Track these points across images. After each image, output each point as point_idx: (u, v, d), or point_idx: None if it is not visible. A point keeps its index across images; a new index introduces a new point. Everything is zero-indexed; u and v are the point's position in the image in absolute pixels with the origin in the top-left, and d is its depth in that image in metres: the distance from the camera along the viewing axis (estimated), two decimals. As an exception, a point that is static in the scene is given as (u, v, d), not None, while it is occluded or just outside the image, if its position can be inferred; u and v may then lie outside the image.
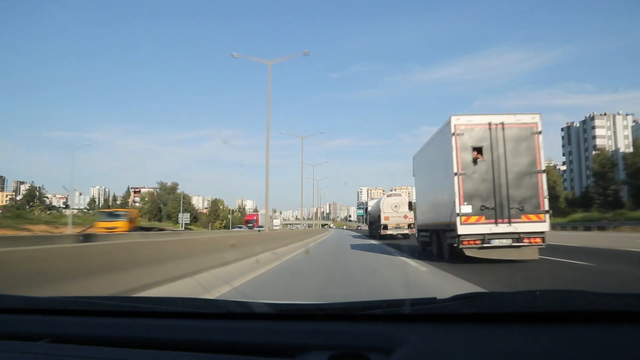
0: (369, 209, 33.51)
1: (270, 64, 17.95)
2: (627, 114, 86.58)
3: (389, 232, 24.93)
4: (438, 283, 6.57)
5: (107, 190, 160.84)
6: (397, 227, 25.17)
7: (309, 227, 75.17)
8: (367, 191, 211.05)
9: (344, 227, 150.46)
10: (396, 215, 25.44)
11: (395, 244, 18.16)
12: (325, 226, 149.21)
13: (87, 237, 16.53)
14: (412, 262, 9.58)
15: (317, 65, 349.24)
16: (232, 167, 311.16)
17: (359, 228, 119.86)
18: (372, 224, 30.77)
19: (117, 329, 1.25)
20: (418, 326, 1.09)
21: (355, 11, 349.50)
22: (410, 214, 25.82)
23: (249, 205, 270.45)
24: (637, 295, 1.07)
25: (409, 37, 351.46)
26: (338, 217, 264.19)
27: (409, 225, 25.34)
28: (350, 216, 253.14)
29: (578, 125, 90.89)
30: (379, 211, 25.66)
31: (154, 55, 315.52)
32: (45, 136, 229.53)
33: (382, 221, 25.00)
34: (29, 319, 1.33)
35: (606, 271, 7.76)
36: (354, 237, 33.09)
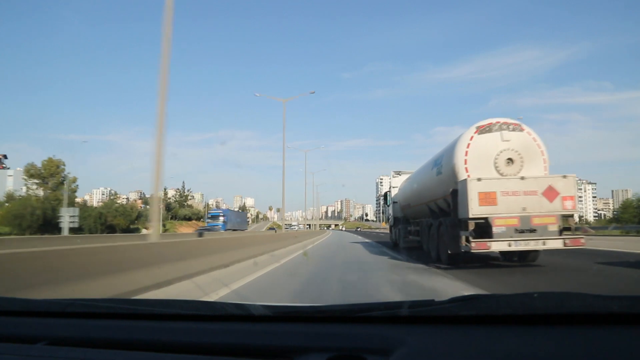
0: (395, 190, 18.57)
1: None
2: None
3: (498, 244, 7.67)
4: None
5: (111, 191, 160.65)
6: (529, 231, 7.73)
7: (283, 228, 69.01)
8: (391, 181, 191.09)
9: (342, 228, 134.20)
10: (521, 187, 7.99)
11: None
12: (329, 227, 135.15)
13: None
14: None
15: (329, 65, 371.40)
16: (245, 168, 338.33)
17: (359, 229, 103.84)
18: (403, 223, 16.85)
19: (114, 331, 1.31)
20: (416, 328, 1.15)
21: (368, 10, 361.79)
22: (570, 185, 8.23)
23: (248, 203, 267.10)
24: (635, 297, 1.12)
25: (422, 36, 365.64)
26: (352, 216, 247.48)
27: (563, 223, 7.97)
28: (366, 214, 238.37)
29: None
30: (454, 176, 9.44)
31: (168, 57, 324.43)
32: (60, 138, 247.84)
33: (472, 211, 8.32)
34: (26, 321, 1.41)
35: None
36: (372, 254, 15.25)
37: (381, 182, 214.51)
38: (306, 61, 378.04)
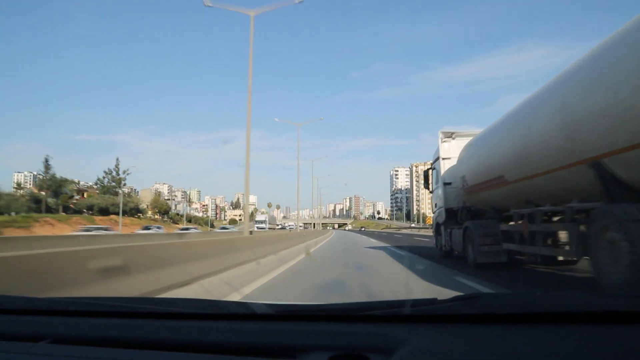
0: (450, 164, 11.61)
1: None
2: None
3: None
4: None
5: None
6: None
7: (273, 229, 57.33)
8: (412, 169, 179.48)
9: (347, 228, 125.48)
10: None
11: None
12: (334, 227, 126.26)
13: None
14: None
15: (338, 64, 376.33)
16: (254, 168, 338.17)
17: (363, 229, 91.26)
18: (473, 218, 10.45)
19: (117, 329, 1.33)
20: (418, 327, 1.16)
21: (376, 9, 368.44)
22: None
23: (250, 200, 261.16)
24: (637, 296, 1.16)
25: (430, 35, 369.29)
26: (362, 214, 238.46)
27: None
28: (378, 212, 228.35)
29: None
30: None
31: (176, 58, 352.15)
32: (72, 139, 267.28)
33: None
34: (29, 319, 1.42)
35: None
36: None
37: (396, 175, 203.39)
38: (313, 61, 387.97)
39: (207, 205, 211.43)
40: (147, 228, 35.88)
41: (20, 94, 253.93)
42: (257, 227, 69.11)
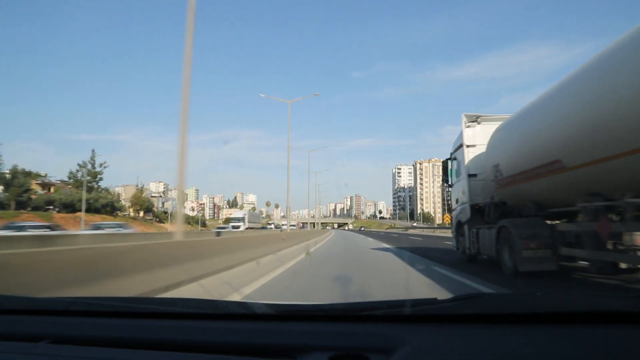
0: (477, 151, 9.82)
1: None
2: None
3: None
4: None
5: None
6: None
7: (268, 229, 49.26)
8: (416, 167, 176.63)
9: (347, 228, 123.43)
10: None
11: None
12: (334, 227, 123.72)
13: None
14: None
15: (339, 64, 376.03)
16: (252, 167, 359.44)
17: (363, 229, 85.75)
18: (508, 215, 8.72)
19: (118, 329, 1.33)
20: (419, 327, 1.16)
21: (377, 10, 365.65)
22: None
23: (250, 200, 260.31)
24: (636, 296, 1.21)
25: (432, 34, 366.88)
26: (363, 213, 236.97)
27: None
28: (380, 212, 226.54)
29: None
30: None
31: (176, 58, 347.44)
32: (72, 139, 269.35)
33: None
34: (29, 319, 1.42)
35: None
36: None
37: (399, 173, 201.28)
38: (314, 61, 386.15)
39: (204, 204, 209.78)
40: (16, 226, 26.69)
41: (21, 94, 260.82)
42: (225, 227, 55.04)
